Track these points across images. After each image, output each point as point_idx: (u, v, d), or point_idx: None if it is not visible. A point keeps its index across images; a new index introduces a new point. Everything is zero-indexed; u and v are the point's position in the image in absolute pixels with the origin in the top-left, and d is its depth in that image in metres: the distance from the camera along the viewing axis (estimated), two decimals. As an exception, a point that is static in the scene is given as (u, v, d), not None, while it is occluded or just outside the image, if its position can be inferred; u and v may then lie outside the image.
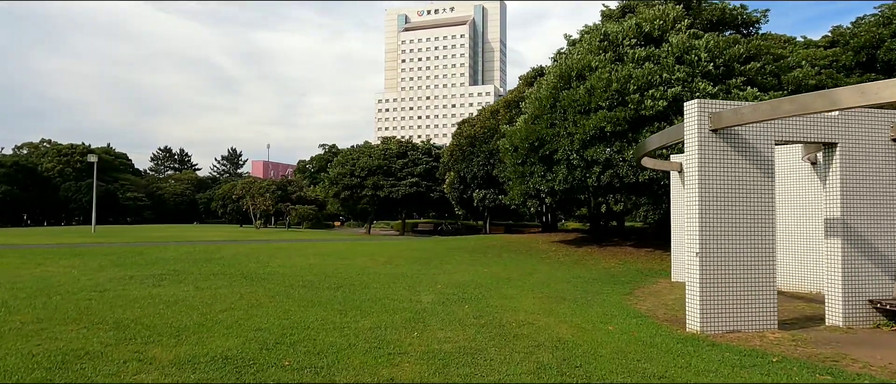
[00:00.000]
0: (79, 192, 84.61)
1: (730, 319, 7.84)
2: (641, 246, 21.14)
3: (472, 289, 11.73)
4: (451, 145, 32.28)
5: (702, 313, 7.75)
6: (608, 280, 14.07)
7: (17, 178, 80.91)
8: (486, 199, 29.76)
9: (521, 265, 17.05)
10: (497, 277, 13.98)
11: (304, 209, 61.57)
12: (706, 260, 7.84)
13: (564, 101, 18.52)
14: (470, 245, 23.09)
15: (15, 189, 79.55)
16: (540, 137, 19.01)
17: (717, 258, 7.87)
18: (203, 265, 15.56)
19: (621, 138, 17.53)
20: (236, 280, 12.36)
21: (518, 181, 20.67)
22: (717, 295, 7.82)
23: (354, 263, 16.90)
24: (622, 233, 26.22)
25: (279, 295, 10.15)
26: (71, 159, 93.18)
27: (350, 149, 47.75)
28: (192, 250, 20.62)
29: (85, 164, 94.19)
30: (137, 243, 25.89)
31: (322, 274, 13.95)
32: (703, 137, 7.91)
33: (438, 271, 15.23)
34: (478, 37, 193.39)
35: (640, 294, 11.98)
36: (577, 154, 17.94)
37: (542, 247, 22.02)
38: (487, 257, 19.10)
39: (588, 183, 17.95)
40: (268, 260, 17.55)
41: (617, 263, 17.77)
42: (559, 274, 15.11)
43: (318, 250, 21.51)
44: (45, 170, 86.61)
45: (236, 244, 25.39)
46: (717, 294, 7.82)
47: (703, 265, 7.83)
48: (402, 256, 19.12)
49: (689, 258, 8.08)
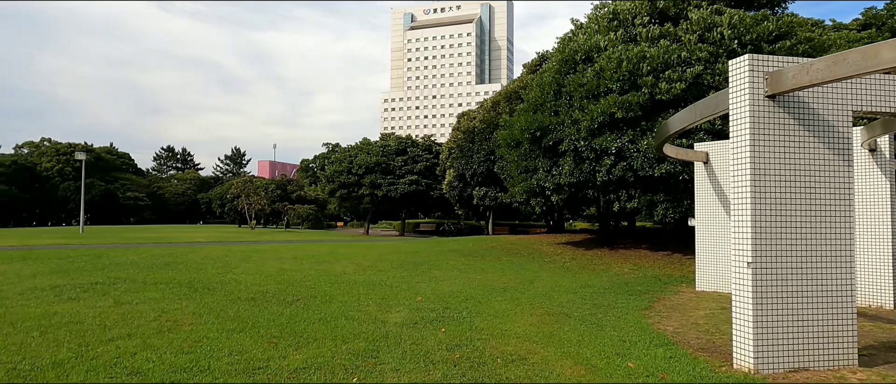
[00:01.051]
0: (77, 192, 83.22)
1: (794, 353, 5.74)
2: (657, 248, 19.01)
3: (457, 303, 9.68)
4: (450, 141, 30.16)
5: (757, 345, 5.65)
6: (622, 289, 11.97)
7: (15, 178, 79.76)
8: (486, 198, 27.62)
9: (521, 271, 14.98)
10: (490, 287, 11.92)
11: (303, 209, 59.72)
12: (762, 272, 5.73)
13: (570, 85, 16.42)
14: (467, 247, 21.02)
15: (13, 189, 78.39)
16: (543, 126, 16.93)
17: (777, 270, 5.76)
18: (156, 271, 13.60)
19: (634, 126, 15.41)
20: (178, 291, 10.37)
21: (520, 177, 18.59)
22: (777, 320, 5.72)
23: (332, 269, 14.89)
24: (635, 234, 24.06)
25: (211, 313, 8.14)
26: (70, 158, 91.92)
27: (348, 146, 45.75)
28: (158, 254, 18.69)
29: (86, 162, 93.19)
30: (111, 245, 24.04)
31: (286, 283, 11.94)
32: (757, 106, 5.81)
33: (424, 278, 13.18)
34: (484, 35, 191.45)
35: (662, 308, 9.88)
36: (584, 142, 15.84)
37: (547, 249, 19.92)
38: (484, 261, 17.03)
39: (598, 177, 15.84)
40: (236, 265, 15.57)
41: (631, 269, 15.65)
42: (564, 282, 13.02)
43: (299, 253, 19.53)
44: (43, 169, 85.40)
45: (215, 246, 23.46)
46: (776, 319, 5.72)
47: (758, 280, 5.72)
48: (389, 260, 17.09)
49: (737, 269, 5.98)
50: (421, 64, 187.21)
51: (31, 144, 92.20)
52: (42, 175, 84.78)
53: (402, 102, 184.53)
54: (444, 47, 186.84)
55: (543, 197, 17.91)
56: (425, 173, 41.96)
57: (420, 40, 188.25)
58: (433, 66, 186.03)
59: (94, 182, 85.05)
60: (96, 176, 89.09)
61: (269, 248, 21.63)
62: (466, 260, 17.27)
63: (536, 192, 17.87)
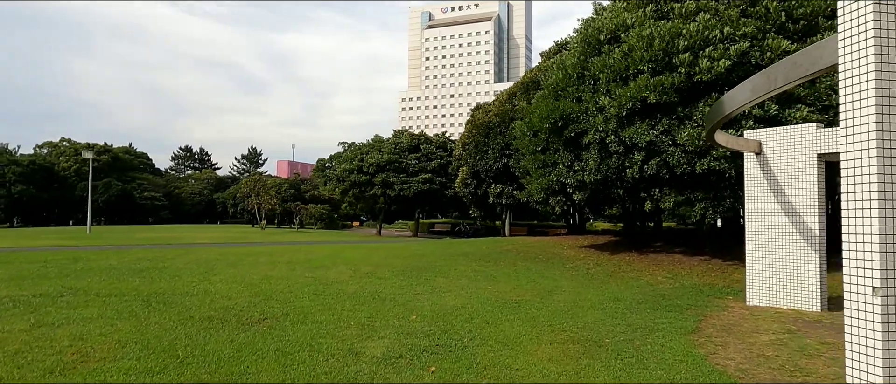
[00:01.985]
0: (95, 192, 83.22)
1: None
2: (692, 252, 16.97)
3: (460, 323, 7.88)
4: (464, 136, 28.25)
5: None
6: (658, 304, 10.06)
7: (33, 178, 79.94)
8: (502, 196, 25.63)
9: (539, 279, 13.10)
10: (502, 301, 10.09)
11: (315, 209, 58.39)
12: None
13: (595, 67, 14.50)
14: (480, 250, 19.18)
15: (31, 188, 78.56)
16: (564, 115, 15.03)
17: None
18: (123, 280, 12.04)
19: (669, 113, 13.44)
20: (126, 307, 8.74)
21: (538, 173, 16.71)
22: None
23: (324, 276, 13.19)
24: (665, 236, 21.99)
25: (142, 341, 6.46)
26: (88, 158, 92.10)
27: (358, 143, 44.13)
28: (143, 257, 17.20)
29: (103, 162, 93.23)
30: (105, 247, 22.73)
31: (262, 295, 10.25)
32: (885, 57, 3.90)
33: (425, 289, 11.40)
34: (502, 33, 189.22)
35: (713, 331, 7.98)
36: (613, 135, 13.91)
37: (568, 253, 17.99)
38: (498, 267, 15.19)
39: (627, 174, 13.91)
40: (219, 271, 13.96)
41: (665, 277, 13.67)
42: (589, 293, 11.13)
43: (297, 256, 17.89)
44: (61, 169, 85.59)
45: (211, 248, 21.97)
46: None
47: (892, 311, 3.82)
48: (392, 265, 15.34)
49: (855, 294, 4.06)
50: (438, 63, 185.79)
51: (50, 144, 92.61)
52: (60, 174, 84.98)
53: (419, 101, 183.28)
54: (461, 46, 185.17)
55: (564, 195, 15.99)
56: (439, 171, 40.15)
57: (438, 39, 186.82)
58: (451, 64, 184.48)
59: (112, 182, 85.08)
60: (113, 175, 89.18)
61: (267, 251, 20.06)
62: (477, 265, 15.44)
63: (556, 190, 15.97)
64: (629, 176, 14.08)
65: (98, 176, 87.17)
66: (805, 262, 9.90)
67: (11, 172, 77.80)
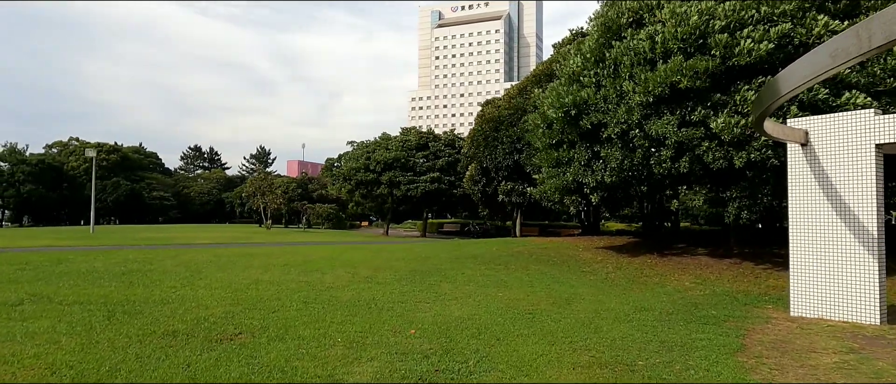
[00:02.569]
0: (103, 192, 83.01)
1: None
2: (719, 255, 15.68)
3: (465, 340, 6.74)
4: (473, 131, 27.03)
5: None
6: (691, 314, 8.85)
7: (43, 177, 79.76)
8: (513, 194, 24.34)
9: (555, 285, 11.91)
10: (514, 310, 8.92)
11: (323, 208, 57.48)
12: None
13: (616, 51, 13.28)
14: (490, 251, 18.00)
15: (40, 188, 78.40)
16: (581, 103, 13.82)
17: None
18: (97, 285, 11.03)
19: (702, 101, 12.20)
20: (86, 318, 7.69)
21: (552, 172, 15.50)
22: None
23: (320, 281, 12.09)
24: (687, 237, 20.68)
25: (80, 364, 5.39)
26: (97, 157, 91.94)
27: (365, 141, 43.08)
28: (132, 259, 16.21)
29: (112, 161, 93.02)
30: (99, 247, 21.85)
31: (244, 303, 9.17)
32: None
33: (428, 296, 10.25)
34: (513, 32, 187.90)
35: (761, 348, 6.79)
36: (637, 128, 12.69)
37: (584, 255, 16.76)
38: (508, 271, 14.01)
39: (654, 170, 12.69)
40: (207, 274, 12.92)
41: (692, 282, 12.43)
42: (612, 302, 9.93)
43: (294, 258, 16.82)
44: (70, 168, 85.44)
45: (208, 249, 20.98)
46: None
47: None
48: (394, 268, 14.22)
49: None
50: (448, 62, 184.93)
51: (60, 144, 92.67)
52: (69, 174, 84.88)
53: (429, 100, 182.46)
54: (471, 45, 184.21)
55: (580, 195, 14.77)
56: (448, 170, 38.99)
57: (448, 38, 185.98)
58: (461, 63, 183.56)
59: (120, 181, 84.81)
60: (122, 175, 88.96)
61: (264, 252, 19.01)
62: (487, 269, 14.27)
63: (571, 190, 14.76)
64: (657, 172, 12.84)
65: (107, 175, 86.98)
66: (861, 268, 8.64)
67: (21, 172, 77.72)
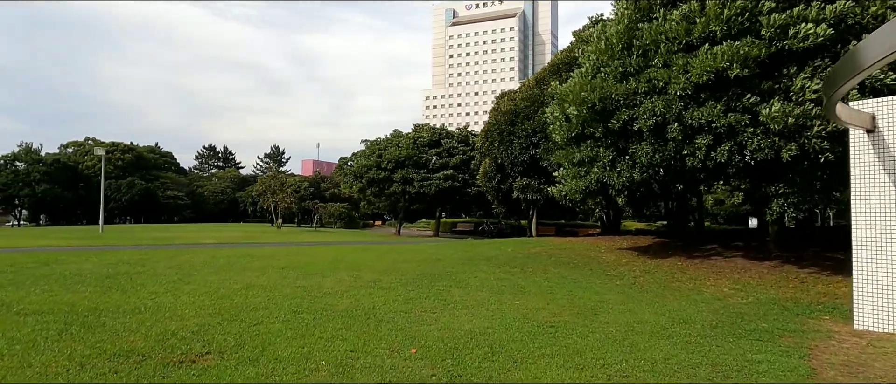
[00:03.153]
0: (118, 191, 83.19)
1: None
2: (757, 257, 14.31)
3: (475, 365, 5.58)
4: (487, 125, 25.76)
5: None
6: (739, 328, 7.62)
7: (58, 177, 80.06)
8: (528, 191, 23.02)
9: (578, 291, 10.70)
10: (533, 322, 7.75)
11: (335, 207, 56.64)
12: None
13: (646, 35, 12.01)
14: (505, 253, 16.81)
15: (56, 188, 78.66)
16: (606, 97, 12.57)
17: None
18: (73, 289, 10.09)
19: (749, 90, 10.91)
20: (42, 330, 6.70)
21: (573, 172, 14.24)
22: None
23: (318, 285, 11.01)
24: (715, 237, 19.26)
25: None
26: (112, 157, 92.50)
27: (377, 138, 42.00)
28: (126, 260, 15.30)
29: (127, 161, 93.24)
30: (96, 248, 21.08)
31: (227, 314, 8.11)
32: None
33: (436, 304, 9.11)
34: (528, 30, 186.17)
35: (834, 374, 5.58)
36: (676, 120, 11.43)
37: (607, 257, 15.50)
38: (525, 274, 12.81)
39: (688, 163, 11.42)
40: (197, 278, 11.92)
41: (732, 288, 11.14)
42: (645, 312, 8.72)
43: (295, 260, 15.79)
44: (85, 168, 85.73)
45: (208, 250, 20.06)
46: None
47: None
48: (402, 271, 13.10)
49: None
50: (462, 60, 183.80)
51: (76, 144, 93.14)
52: (84, 173, 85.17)
53: (443, 99, 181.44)
54: (486, 43, 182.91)
55: (605, 195, 13.53)
56: (461, 167, 37.80)
57: (462, 36, 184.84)
58: (475, 62, 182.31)
59: (134, 181, 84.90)
60: (137, 174, 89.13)
61: (266, 254, 18.00)
62: (502, 272, 13.08)
63: (595, 191, 13.50)
64: (691, 164, 11.55)
65: (123, 175, 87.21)
66: (944, 275, 7.35)
67: (36, 171, 78.07)
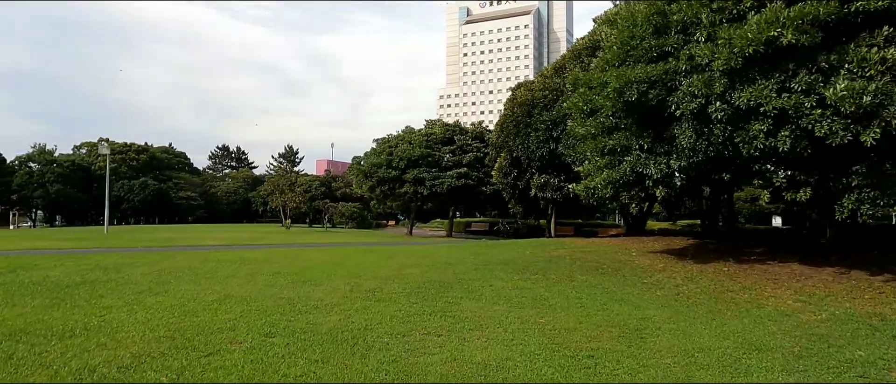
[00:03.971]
0: (130, 192, 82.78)
1: None
2: (815, 262, 12.42)
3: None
4: (502, 116, 23.96)
5: None
6: (830, 357, 5.86)
7: (72, 178, 79.79)
8: (547, 189, 21.19)
9: (614, 305, 8.96)
10: (565, 350, 6.06)
11: (346, 207, 55.25)
12: None
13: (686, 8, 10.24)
14: (524, 256, 15.08)
15: (68, 188, 78.38)
16: (640, 79, 10.82)
17: None
18: (13, 303, 8.66)
19: (809, 60, 9.11)
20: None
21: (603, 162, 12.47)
22: None
23: (308, 296, 9.42)
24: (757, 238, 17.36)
25: None
26: (126, 157, 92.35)
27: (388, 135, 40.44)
28: (100, 264, 13.87)
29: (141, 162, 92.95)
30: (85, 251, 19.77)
31: (180, 336, 6.56)
32: None
33: (443, 323, 7.46)
34: (542, 27, 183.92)
35: None
36: (719, 100, 9.67)
37: (639, 261, 13.70)
38: (549, 282, 11.09)
39: (743, 151, 9.65)
40: (171, 288, 10.41)
41: (797, 300, 9.33)
42: (702, 334, 6.98)
43: (293, 265, 14.22)
44: (98, 168, 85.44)
45: (200, 253, 18.60)
46: None
47: None
48: (407, 278, 11.46)
49: None
50: (477, 59, 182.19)
51: (89, 144, 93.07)
52: (97, 174, 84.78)
53: (458, 98, 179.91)
54: (500, 41, 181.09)
55: (642, 188, 11.73)
56: (475, 165, 36.12)
57: (476, 34, 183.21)
58: (489, 60, 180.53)
59: (147, 181, 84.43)
60: (150, 175, 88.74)
61: (261, 257, 16.46)
62: (521, 279, 11.37)
63: (629, 183, 11.71)
64: (746, 153, 9.77)
65: (136, 175, 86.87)
66: None
67: (50, 172, 77.93)
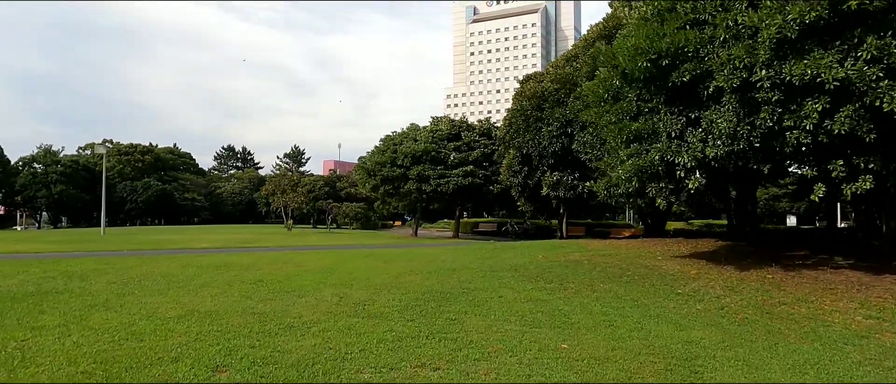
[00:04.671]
0: (134, 192, 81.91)
1: None
2: (868, 266, 10.85)
3: None
4: (511, 111, 22.39)
5: None
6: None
7: (74, 178, 78.96)
8: (560, 187, 19.58)
9: (650, 323, 7.45)
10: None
11: (350, 207, 53.88)
12: None
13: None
14: (536, 261, 13.57)
15: (70, 188, 77.57)
16: (675, 49, 9.33)
17: None
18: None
19: (878, 27, 7.60)
20: None
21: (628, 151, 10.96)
22: None
23: (285, 312, 8.00)
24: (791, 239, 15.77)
25: None
26: (131, 158, 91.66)
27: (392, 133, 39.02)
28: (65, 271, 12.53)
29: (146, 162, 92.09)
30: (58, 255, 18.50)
31: (106, 369, 5.13)
32: None
33: (442, 350, 5.98)
34: (550, 25, 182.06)
35: None
36: (766, 68, 8.18)
37: (668, 266, 12.16)
38: (567, 293, 9.60)
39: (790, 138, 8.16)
40: (132, 299, 9.04)
41: (867, 316, 7.79)
42: (772, 367, 5.47)
43: (281, 271, 12.81)
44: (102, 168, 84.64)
45: (182, 257, 17.23)
46: None
47: None
48: (404, 288, 10.01)
49: None
50: (484, 58, 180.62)
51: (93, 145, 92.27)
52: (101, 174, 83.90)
53: (465, 97, 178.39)
54: (507, 39, 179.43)
55: (672, 180, 10.20)
56: (483, 163, 34.67)
57: (483, 33, 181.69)
58: (496, 59, 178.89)
59: (151, 182, 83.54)
60: (155, 176, 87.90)
61: (246, 262, 15.03)
62: (535, 289, 9.87)
63: (658, 174, 10.20)
64: (794, 140, 8.27)
65: (140, 176, 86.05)
66: None
67: (53, 173, 77.22)
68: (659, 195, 10.23)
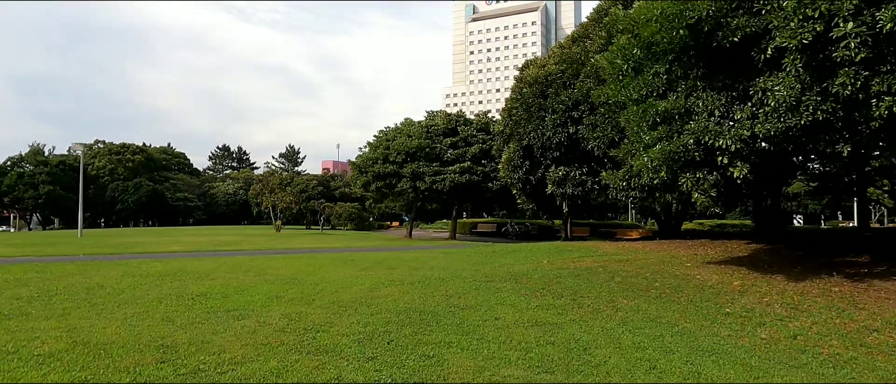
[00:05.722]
0: (125, 193, 79.78)
1: None
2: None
3: None
4: (510, 100, 20.19)
5: None
6: None
7: (62, 178, 76.84)
8: (567, 182, 17.33)
9: (706, 363, 5.34)
10: None
11: (343, 207, 51.79)
12: None
13: None
14: (540, 269, 11.47)
15: (58, 188, 75.51)
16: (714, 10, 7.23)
17: None
18: None
19: None
20: None
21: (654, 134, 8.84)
22: None
23: (206, 342, 5.92)
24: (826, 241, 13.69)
25: None
26: (122, 158, 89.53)
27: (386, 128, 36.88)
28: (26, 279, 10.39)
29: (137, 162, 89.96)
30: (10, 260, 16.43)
31: None
32: None
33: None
34: (550, 24, 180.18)
35: None
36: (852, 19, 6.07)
37: (702, 275, 10.05)
38: (581, 310, 7.49)
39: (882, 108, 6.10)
40: (21, 322, 6.91)
41: None
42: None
43: (233, 281, 10.71)
44: (94, 169, 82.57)
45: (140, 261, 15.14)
46: None
47: None
48: (378, 303, 7.91)
49: None
50: (483, 57, 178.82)
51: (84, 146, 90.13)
52: (91, 175, 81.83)
53: (464, 96, 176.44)
54: (507, 38, 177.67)
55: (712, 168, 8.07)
56: (481, 159, 32.59)
57: (483, 32, 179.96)
58: (496, 58, 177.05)
59: (142, 182, 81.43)
60: (146, 176, 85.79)
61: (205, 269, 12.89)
62: (540, 307, 7.76)
63: (696, 161, 8.06)
64: (882, 110, 6.20)
65: (132, 176, 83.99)
66: None
67: (41, 173, 75.25)
68: (696, 188, 8.14)
